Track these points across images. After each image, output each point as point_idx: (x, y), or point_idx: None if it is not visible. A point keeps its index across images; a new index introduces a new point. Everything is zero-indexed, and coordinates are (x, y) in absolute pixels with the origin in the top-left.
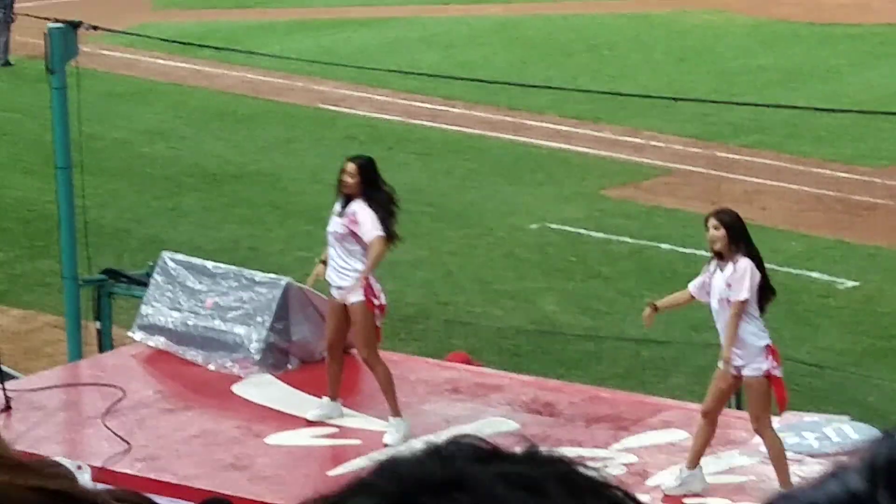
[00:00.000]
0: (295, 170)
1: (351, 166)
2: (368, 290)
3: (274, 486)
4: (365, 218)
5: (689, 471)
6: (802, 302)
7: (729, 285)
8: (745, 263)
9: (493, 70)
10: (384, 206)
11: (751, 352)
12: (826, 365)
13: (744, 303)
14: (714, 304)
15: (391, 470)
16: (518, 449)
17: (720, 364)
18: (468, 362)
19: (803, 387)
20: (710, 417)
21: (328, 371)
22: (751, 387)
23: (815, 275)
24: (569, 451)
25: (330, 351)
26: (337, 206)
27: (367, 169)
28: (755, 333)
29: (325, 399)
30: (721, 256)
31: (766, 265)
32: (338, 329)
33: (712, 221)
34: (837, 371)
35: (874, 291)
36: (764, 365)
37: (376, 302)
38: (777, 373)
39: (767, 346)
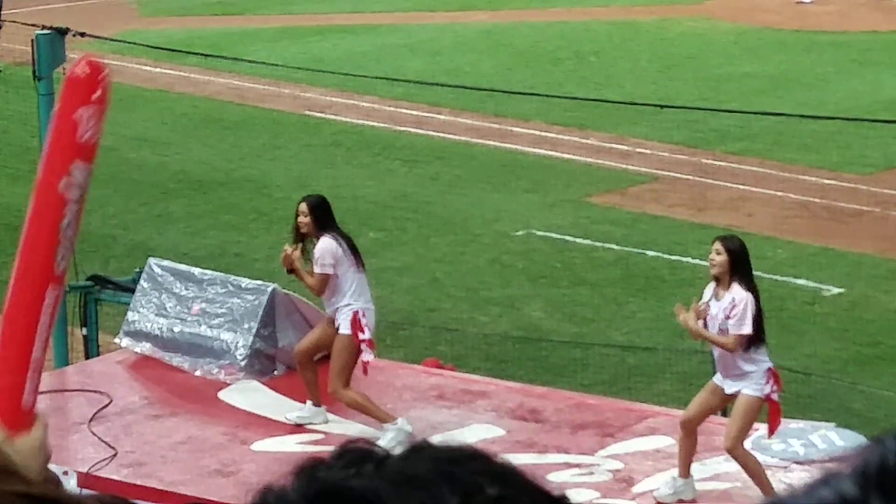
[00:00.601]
0: (281, 176)
1: (303, 206)
2: (356, 324)
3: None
4: (321, 254)
5: (683, 479)
6: (788, 309)
7: (728, 317)
8: (744, 296)
9: (479, 77)
10: (346, 238)
11: (752, 375)
12: (812, 372)
13: (745, 336)
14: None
15: (301, 476)
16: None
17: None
18: (439, 368)
19: (789, 394)
20: (689, 428)
21: (303, 378)
22: (742, 404)
23: (800, 281)
24: (555, 458)
25: (297, 358)
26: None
27: (319, 206)
28: (758, 357)
29: (309, 404)
30: (717, 282)
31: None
32: (316, 341)
33: (717, 245)
34: (823, 378)
35: (860, 298)
36: (765, 388)
37: (362, 336)
38: (776, 397)
39: (769, 369)
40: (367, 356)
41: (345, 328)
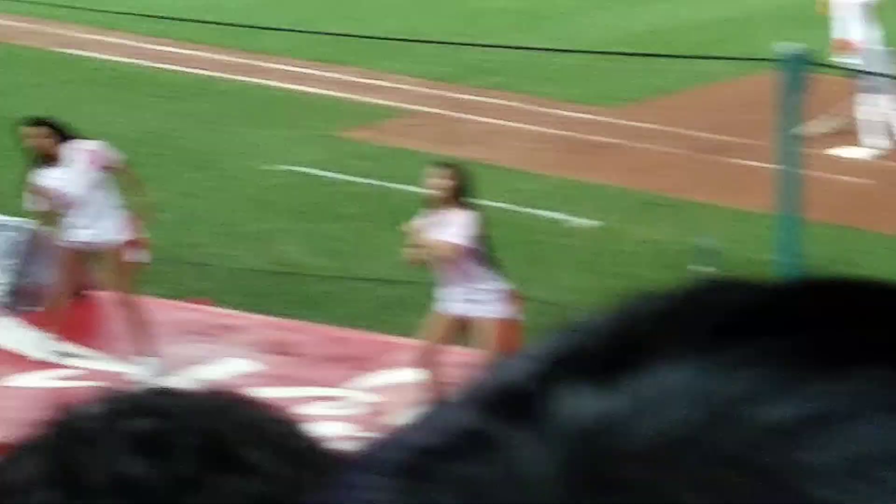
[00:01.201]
0: (37, 113)
1: (38, 129)
2: (126, 227)
3: (14, 429)
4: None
5: None
6: (538, 241)
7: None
8: (464, 217)
9: (229, 13)
10: None
11: (484, 295)
12: (563, 303)
13: (456, 247)
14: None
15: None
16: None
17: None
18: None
19: (540, 325)
20: (429, 359)
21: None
22: (484, 331)
23: (550, 214)
24: (309, 391)
25: (54, 301)
26: (49, 172)
27: (53, 123)
28: (487, 277)
29: (66, 343)
30: (437, 207)
31: (502, 205)
32: (69, 279)
33: (441, 170)
34: (576, 310)
35: (610, 230)
36: (498, 307)
37: (134, 238)
38: (513, 316)
39: (503, 289)
40: (145, 257)
41: (117, 235)
